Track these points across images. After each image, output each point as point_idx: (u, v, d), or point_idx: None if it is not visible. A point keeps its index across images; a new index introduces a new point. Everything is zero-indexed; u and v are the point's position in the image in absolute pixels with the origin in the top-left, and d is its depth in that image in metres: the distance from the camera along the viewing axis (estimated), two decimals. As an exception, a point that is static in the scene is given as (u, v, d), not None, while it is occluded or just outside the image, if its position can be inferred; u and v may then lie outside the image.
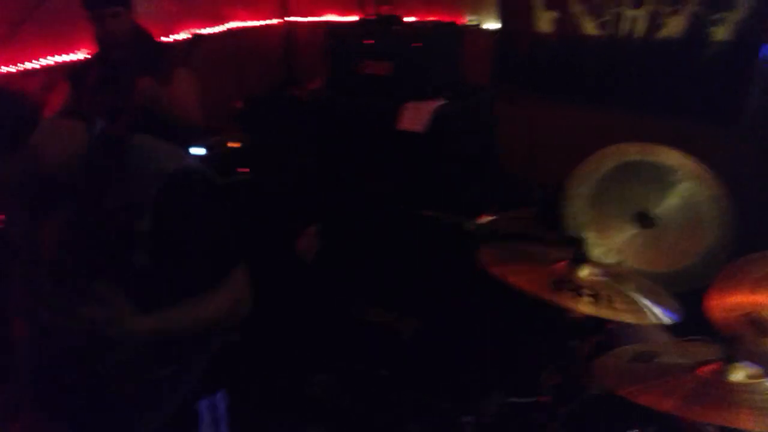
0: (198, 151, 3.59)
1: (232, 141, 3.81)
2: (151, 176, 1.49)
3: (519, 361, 2.70)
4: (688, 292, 2.19)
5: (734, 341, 1.48)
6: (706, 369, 1.44)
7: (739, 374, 1.41)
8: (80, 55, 3.73)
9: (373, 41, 3.32)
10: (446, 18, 4.03)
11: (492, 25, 4.03)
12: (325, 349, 3.18)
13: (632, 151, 2.53)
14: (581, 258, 1.90)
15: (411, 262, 3.07)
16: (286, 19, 4.88)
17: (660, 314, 1.79)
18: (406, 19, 3.82)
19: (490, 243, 2.11)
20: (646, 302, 1.83)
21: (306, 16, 4.91)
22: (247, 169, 3.72)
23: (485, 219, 2.09)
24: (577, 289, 1.77)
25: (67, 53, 3.80)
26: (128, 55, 2.91)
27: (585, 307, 1.73)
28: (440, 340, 3.04)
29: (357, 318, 3.25)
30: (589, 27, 3.73)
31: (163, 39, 3.79)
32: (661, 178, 2.46)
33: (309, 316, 3.29)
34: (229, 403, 1.85)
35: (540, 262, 1.98)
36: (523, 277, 1.83)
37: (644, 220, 2.46)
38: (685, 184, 2.44)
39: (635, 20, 3.57)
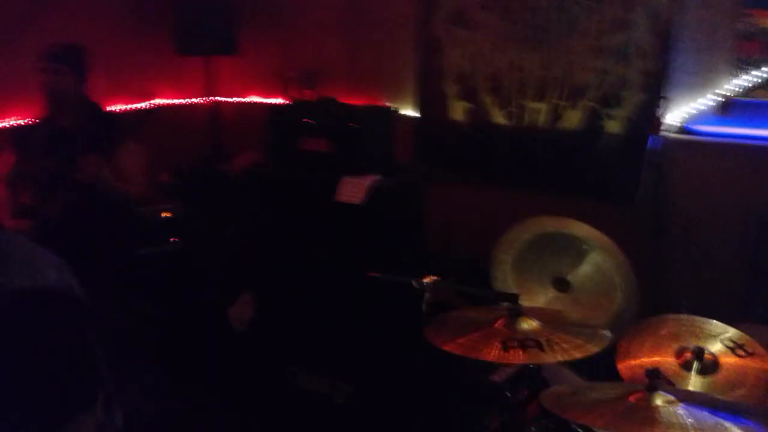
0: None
1: (164, 210, 3.90)
2: None
3: (451, 423, 2.87)
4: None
5: (656, 373, 1.75)
6: (634, 396, 1.71)
7: (659, 400, 1.69)
8: (17, 121, 3.76)
9: (312, 120, 3.57)
10: (367, 103, 4.37)
11: (410, 111, 4.40)
12: (258, 417, 3.24)
13: (549, 224, 2.87)
14: (517, 311, 2.15)
15: (349, 325, 3.23)
16: (212, 98, 5.07)
17: (598, 344, 2.04)
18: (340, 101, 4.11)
19: (434, 317, 2.31)
20: (588, 336, 2.08)
21: (231, 96, 5.13)
22: (177, 239, 3.81)
23: (430, 279, 2.31)
24: (522, 342, 2.00)
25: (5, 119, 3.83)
26: (75, 120, 3.02)
27: (536, 357, 1.96)
28: (374, 405, 3.17)
29: (291, 385, 3.34)
30: (498, 116, 4.14)
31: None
32: (574, 248, 2.80)
33: (242, 384, 3.35)
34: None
35: (483, 325, 2.19)
36: (476, 347, 2.02)
37: (561, 284, 2.77)
38: (595, 254, 2.78)
39: (538, 112, 4.02)
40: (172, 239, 3.80)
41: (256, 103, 5.04)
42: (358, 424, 3.16)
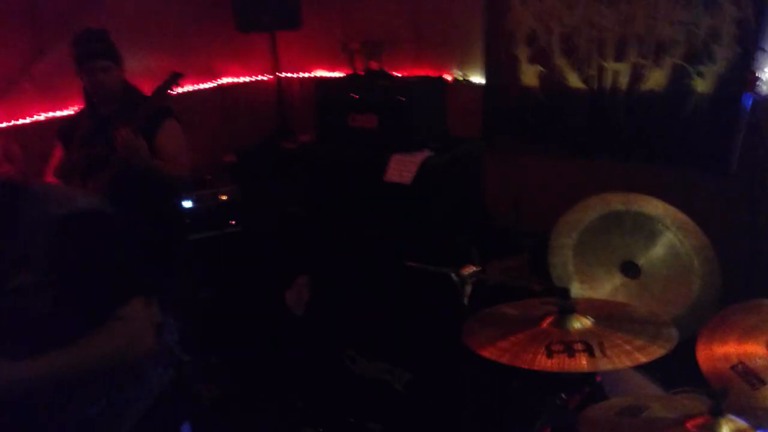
0: (186, 203, 3.62)
1: (222, 193, 3.84)
2: (42, 223, 1.55)
3: (508, 415, 2.67)
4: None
5: (722, 395, 1.46)
6: (694, 422, 1.42)
7: (726, 429, 1.39)
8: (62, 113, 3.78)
9: (359, 95, 3.38)
10: (434, 73, 4.13)
11: (478, 79, 4.12)
12: (315, 402, 3.15)
13: (616, 201, 2.55)
14: (568, 309, 1.89)
15: (399, 312, 3.06)
16: (278, 74, 4.96)
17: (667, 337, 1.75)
18: (393, 74, 3.89)
19: (473, 317, 2.08)
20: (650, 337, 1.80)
21: (296, 72, 5.00)
22: (234, 222, 3.74)
23: (469, 269, 2.08)
24: (570, 345, 1.75)
25: (61, 109, 3.86)
26: (116, 109, 2.96)
27: (580, 363, 1.70)
28: (432, 393, 3.01)
29: (348, 370, 3.22)
30: (574, 80, 3.79)
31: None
32: (645, 228, 2.48)
33: (299, 369, 3.27)
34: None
35: (528, 324, 1.95)
36: (516, 354, 1.79)
37: (629, 269, 2.46)
38: (669, 234, 2.46)
39: (617, 73, 3.64)
40: (229, 222, 3.73)
41: (321, 78, 4.90)
42: (416, 411, 3.01)
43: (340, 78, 3.75)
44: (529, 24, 3.86)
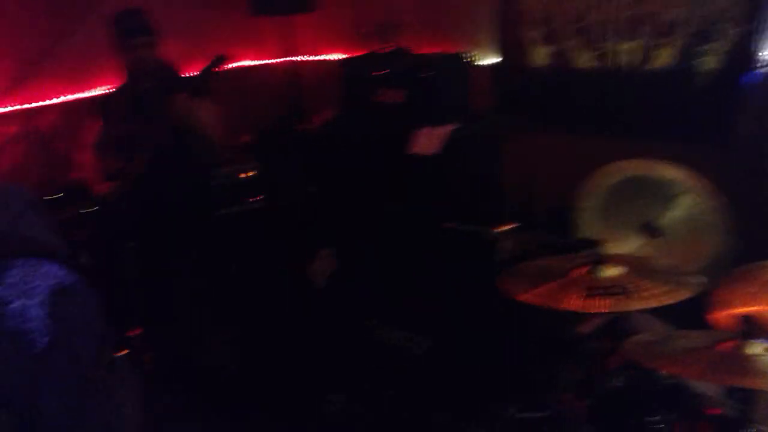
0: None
1: (244, 171, 3.93)
2: None
3: (531, 376, 2.79)
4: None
5: (751, 322, 1.60)
6: (725, 345, 1.56)
7: (755, 349, 1.53)
8: (98, 92, 3.87)
9: (385, 71, 3.49)
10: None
11: (490, 59, 4.23)
12: (339, 370, 3.25)
13: (635, 167, 2.69)
14: (600, 258, 2.02)
15: (427, 278, 3.17)
16: (291, 57, 5.05)
17: (689, 289, 1.88)
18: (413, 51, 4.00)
19: (509, 265, 2.20)
20: (676, 282, 1.93)
21: (310, 55, 5.09)
22: (260, 197, 3.84)
23: (505, 227, 2.20)
24: (606, 289, 1.88)
25: (86, 90, 3.95)
26: (154, 83, 3.07)
27: (621, 304, 1.82)
28: (453, 358, 3.12)
29: (371, 338, 3.33)
30: (584, 60, 3.92)
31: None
32: (664, 192, 2.61)
33: (323, 338, 3.37)
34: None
35: (561, 274, 2.07)
36: (555, 297, 1.91)
37: (651, 230, 2.60)
38: (687, 196, 2.59)
39: (627, 52, 3.77)
40: (253, 198, 3.83)
41: (335, 61, 4.99)
42: (436, 377, 3.12)
43: (365, 55, 3.85)
44: (540, 6, 3.98)
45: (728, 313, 2.22)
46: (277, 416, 3.03)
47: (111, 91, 3.41)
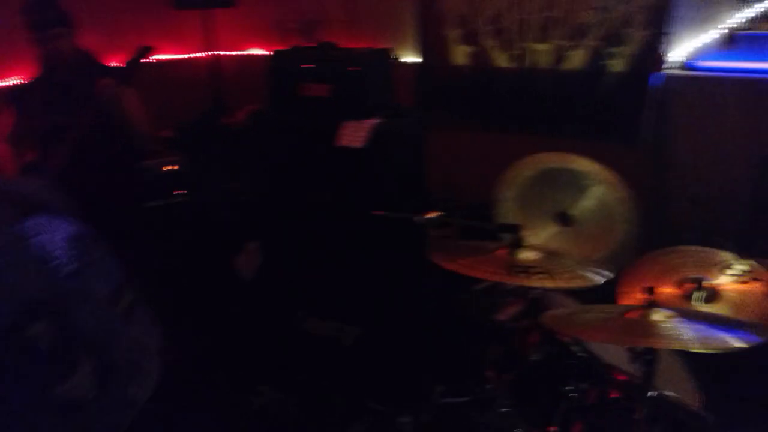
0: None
1: (168, 164, 3.90)
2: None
3: (456, 360, 2.91)
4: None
5: (652, 292, 1.77)
6: (632, 314, 1.74)
7: (658, 316, 1.71)
8: (14, 81, 3.76)
9: (312, 65, 3.56)
10: (369, 50, 4.32)
11: (413, 57, 4.36)
12: (268, 363, 3.29)
13: (550, 160, 2.86)
14: (520, 241, 2.16)
15: (354, 269, 3.26)
16: (213, 52, 5.03)
17: (596, 277, 2.05)
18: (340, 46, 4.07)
19: (437, 242, 2.32)
20: (584, 270, 2.09)
21: (231, 49, 5.09)
22: (184, 191, 3.82)
23: (432, 214, 2.32)
24: (527, 269, 2.01)
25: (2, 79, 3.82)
26: (72, 74, 3.01)
27: (541, 282, 1.96)
28: (380, 346, 3.21)
29: (299, 330, 3.39)
30: (501, 59, 4.11)
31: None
32: (576, 183, 2.79)
33: (252, 331, 3.40)
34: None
35: (484, 253, 2.20)
36: (479, 268, 2.04)
37: (564, 219, 2.77)
38: (597, 188, 2.78)
39: (541, 53, 3.98)
40: (176, 192, 3.81)
41: (256, 56, 5.01)
42: (366, 366, 3.21)
43: (292, 49, 3.89)
44: (460, 6, 4.15)
45: (634, 295, 2.43)
46: (205, 408, 3.04)
47: (26, 82, 3.32)
